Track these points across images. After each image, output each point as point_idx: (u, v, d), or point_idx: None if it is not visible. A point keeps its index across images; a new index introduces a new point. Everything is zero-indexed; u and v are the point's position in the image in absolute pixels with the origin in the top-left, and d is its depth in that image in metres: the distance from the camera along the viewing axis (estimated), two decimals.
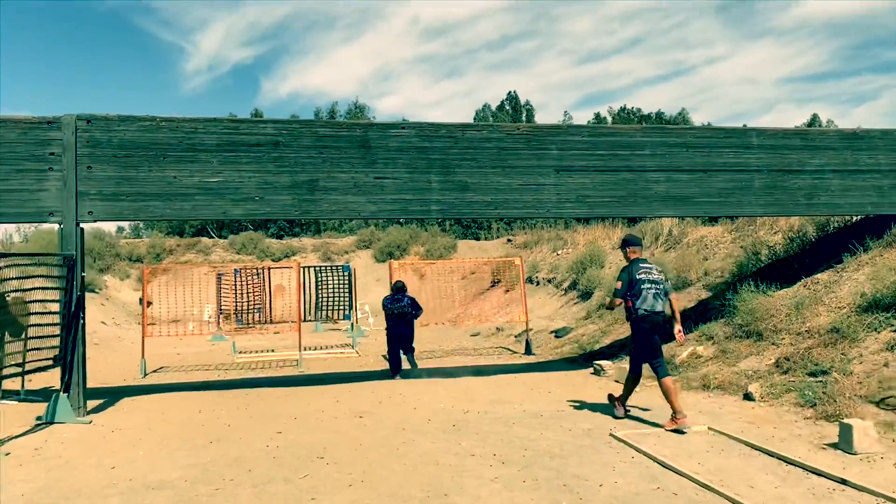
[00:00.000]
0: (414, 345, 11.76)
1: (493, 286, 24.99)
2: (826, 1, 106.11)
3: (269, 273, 14.74)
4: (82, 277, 8.30)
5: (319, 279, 18.85)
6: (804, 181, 10.23)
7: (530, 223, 46.92)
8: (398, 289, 11.75)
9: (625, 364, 10.41)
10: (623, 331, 12.98)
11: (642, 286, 7.15)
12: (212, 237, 34.80)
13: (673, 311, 7.42)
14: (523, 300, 15.04)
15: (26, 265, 8.33)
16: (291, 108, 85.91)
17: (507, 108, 63.20)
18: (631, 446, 6.43)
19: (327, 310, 17.76)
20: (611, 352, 12.13)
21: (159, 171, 8.52)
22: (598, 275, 17.12)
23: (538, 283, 21.30)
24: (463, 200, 9.27)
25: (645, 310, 7.15)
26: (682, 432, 6.86)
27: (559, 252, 23.07)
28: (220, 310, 17.79)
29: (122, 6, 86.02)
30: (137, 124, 8.51)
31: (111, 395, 10.05)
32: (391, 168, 9.10)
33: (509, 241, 32.53)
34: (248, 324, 15.69)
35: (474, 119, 58.10)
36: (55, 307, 8.23)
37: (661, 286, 7.26)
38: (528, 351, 13.90)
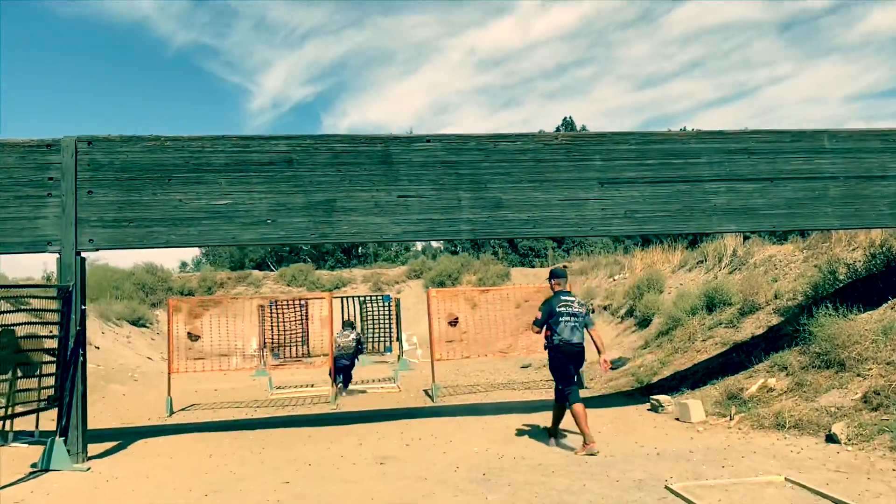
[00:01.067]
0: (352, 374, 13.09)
1: None
2: (892, 15, 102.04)
3: (307, 304, 14.08)
4: (83, 311, 7.68)
5: (364, 310, 18.13)
6: (887, 188, 8.97)
7: (588, 248, 45.77)
8: (350, 325, 13.08)
9: (686, 399, 9.24)
10: (685, 361, 11.78)
11: (560, 318, 7.47)
12: (272, 269, 34.60)
13: (595, 344, 7.73)
14: None
15: (16, 298, 7.74)
16: None
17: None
18: (690, 502, 5.33)
19: (371, 342, 16.96)
20: (671, 384, 10.93)
21: (164, 194, 7.89)
22: (657, 300, 15.89)
23: (593, 311, 20.09)
24: (496, 218, 8.36)
25: (560, 340, 7.47)
26: (594, 454, 7.20)
27: (615, 277, 21.84)
28: (263, 343, 17.17)
29: (189, 51, 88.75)
30: (141, 145, 7.91)
31: (127, 437, 9.40)
32: (415, 185, 8.27)
33: (565, 267, 31.32)
34: (285, 358, 15.00)
35: None
36: (53, 343, 7.61)
37: (581, 319, 7.58)
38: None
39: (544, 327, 7.63)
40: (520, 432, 8.57)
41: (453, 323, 25.87)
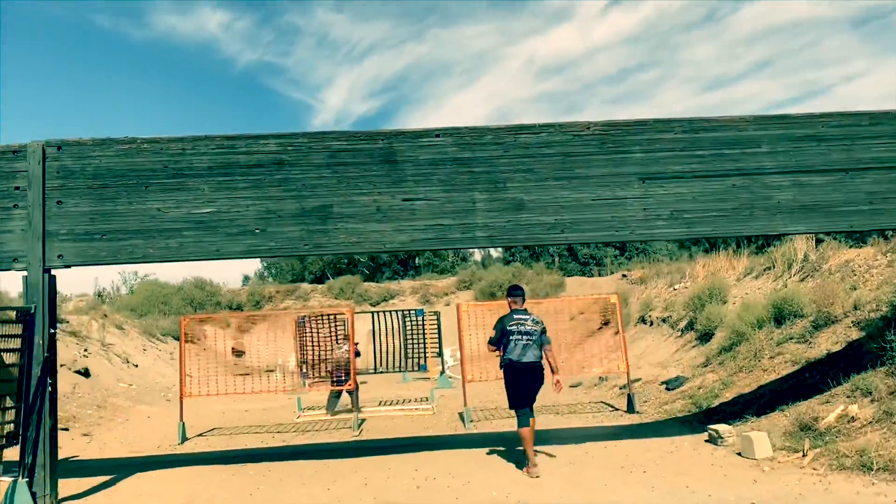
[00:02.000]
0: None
1: (602, 327, 22.48)
2: None
3: (335, 319, 13.15)
4: (52, 334, 6.85)
5: (404, 325, 17.10)
6: None
7: (651, 255, 43.97)
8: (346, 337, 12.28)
9: (750, 430, 7.88)
10: (749, 382, 10.34)
11: (511, 337, 7.39)
12: (323, 281, 34.03)
13: (549, 363, 7.64)
14: (622, 346, 12.57)
15: None
16: None
17: None
18: None
19: (409, 359, 15.92)
20: (733, 410, 9.52)
21: (140, 202, 7.02)
22: (719, 312, 14.36)
23: (651, 324, 18.63)
24: (517, 223, 7.20)
25: (511, 359, 7.41)
26: (535, 476, 7.14)
27: (675, 287, 20.28)
28: (303, 360, 16.29)
29: (255, 69, 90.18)
30: (115, 148, 7.07)
31: (123, 470, 8.58)
32: (423, 186, 7.19)
33: (624, 276, 29.88)
34: (316, 377, 14.08)
35: None
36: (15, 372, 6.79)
37: (534, 337, 7.43)
38: (630, 408, 11.43)
39: (500, 346, 7.56)
40: (550, 473, 7.37)
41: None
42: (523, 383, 7.46)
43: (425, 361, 15.03)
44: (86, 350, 17.32)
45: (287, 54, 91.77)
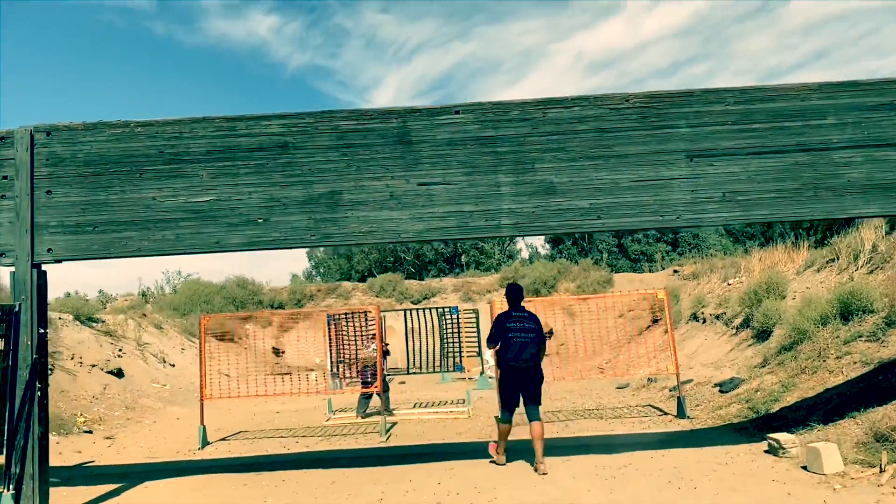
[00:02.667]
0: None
1: (651, 325, 21.49)
2: None
3: (366, 318, 12.50)
4: (41, 335, 6.33)
5: (442, 323, 16.41)
6: None
7: (704, 250, 42.48)
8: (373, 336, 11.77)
9: (817, 441, 6.95)
10: (813, 385, 9.34)
11: (509, 335, 7.41)
12: (365, 280, 33.62)
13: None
14: (671, 344, 11.61)
15: None
16: None
17: None
18: None
19: (446, 358, 15.21)
20: (796, 416, 8.56)
21: (135, 191, 6.46)
22: (777, 308, 13.28)
23: (704, 321, 17.56)
24: (547, 208, 6.43)
25: (508, 359, 7.42)
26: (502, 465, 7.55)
27: (730, 282, 19.13)
28: (338, 359, 15.75)
29: (304, 72, 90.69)
30: (108, 132, 6.52)
31: (133, 479, 8.11)
32: (441, 169, 6.47)
33: (676, 271, 28.73)
34: (347, 378, 13.50)
35: None
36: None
37: (532, 336, 7.45)
38: (680, 413, 10.51)
39: (498, 344, 7.56)
40: (587, 488, 6.57)
41: (547, 335, 23.80)
42: (520, 381, 7.45)
43: (461, 361, 14.27)
44: (120, 350, 17.10)
45: (336, 56, 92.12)
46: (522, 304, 7.82)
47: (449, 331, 14.53)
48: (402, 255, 47.43)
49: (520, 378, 7.44)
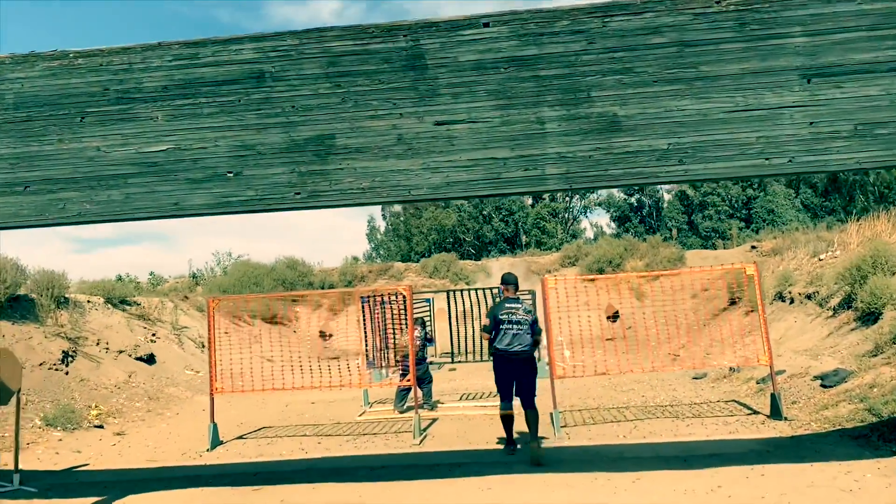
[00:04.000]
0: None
1: (729, 307, 19.36)
2: None
3: (406, 301, 10.97)
4: None
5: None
6: None
7: (781, 226, 39.66)
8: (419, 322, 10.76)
9: None
10: None
11: (501, 326, 7.37)
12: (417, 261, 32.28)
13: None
14: (762, 328, 9.65)
15: None
16: None
17: None
18: None
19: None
20: None
21: (75, 139, 5.06)
22: (888, 285, 11.18)
23: (792, 301, 15.43)
24: (609, 151, 4.74)
25: (498, 348, 7.40)
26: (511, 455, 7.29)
27: (821, 257, 16.89)
28: (375, 345, 14.35)
29: None
30: (41, 67, 5.13)
31: (118, 490, 6.92)
32: (466, 102, 4.84)
33: (753, 248, 26.37)
34: (381, 365, 12.07)
35: None
36: None
37: (525, 327, 7.39)
38: (774, 412, 8.65)
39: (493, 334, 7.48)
40: None
41: (613, 317, 21.95)
42: (511, 371, 7.43)
43: None
44: (154, 335, 16.11)
45: None
46: (518, 293, 7.93)
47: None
48: (462, 236, 46.03)
49: (510, 368, 7.43)
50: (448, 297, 14.70)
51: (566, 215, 53.43)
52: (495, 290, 12.63)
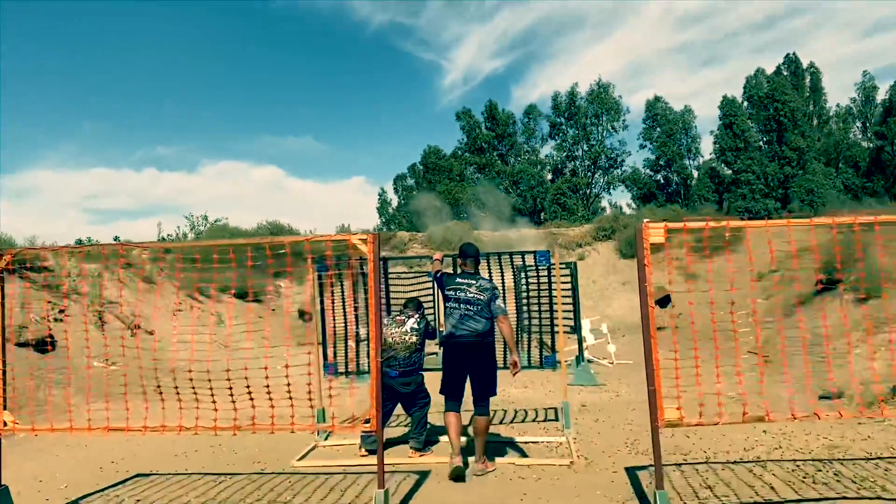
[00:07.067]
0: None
1: (821, 292, 14.86)
2: None
3: (364, 264, 6.86)
4: None
5: (520, 279, 10.22)
6: None
7: (820, 204, 35.32)
8: (413, 303, 7.14)
9: None
10: None
11: (447, 304, 6.14)
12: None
13: (505, 339, 6.04)
14: None
15: None
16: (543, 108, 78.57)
17: (785, 72, 49.99)
18: None
19: (527, 334, 9.18)
20: None
21: None
22: None
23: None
24: None
25: (446, 332, 6.11)
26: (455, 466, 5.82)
27: None
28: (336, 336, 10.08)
29: (386, 31, 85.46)
30: None
31: None
32: None
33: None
34: (346, 370, 7.94)
35: (721, 106, 45.41)
36: None
37: (476, 307, 5.99)
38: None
39: None
40: None
41: (662, 302, 17.70)
42: (456, 362, 5.98)
43: (553, 345, 8.18)
44: (61, 312, 12.03)
45: (417, 14, 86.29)
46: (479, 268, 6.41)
47: (533, 292, 8.45)
48: (479, 211, 42.10)
49: (455, 357, 5.97)
50: (454, 265, 10.39)
51: (588, 191, 49.34)
52: (528, 258, 8.35)
